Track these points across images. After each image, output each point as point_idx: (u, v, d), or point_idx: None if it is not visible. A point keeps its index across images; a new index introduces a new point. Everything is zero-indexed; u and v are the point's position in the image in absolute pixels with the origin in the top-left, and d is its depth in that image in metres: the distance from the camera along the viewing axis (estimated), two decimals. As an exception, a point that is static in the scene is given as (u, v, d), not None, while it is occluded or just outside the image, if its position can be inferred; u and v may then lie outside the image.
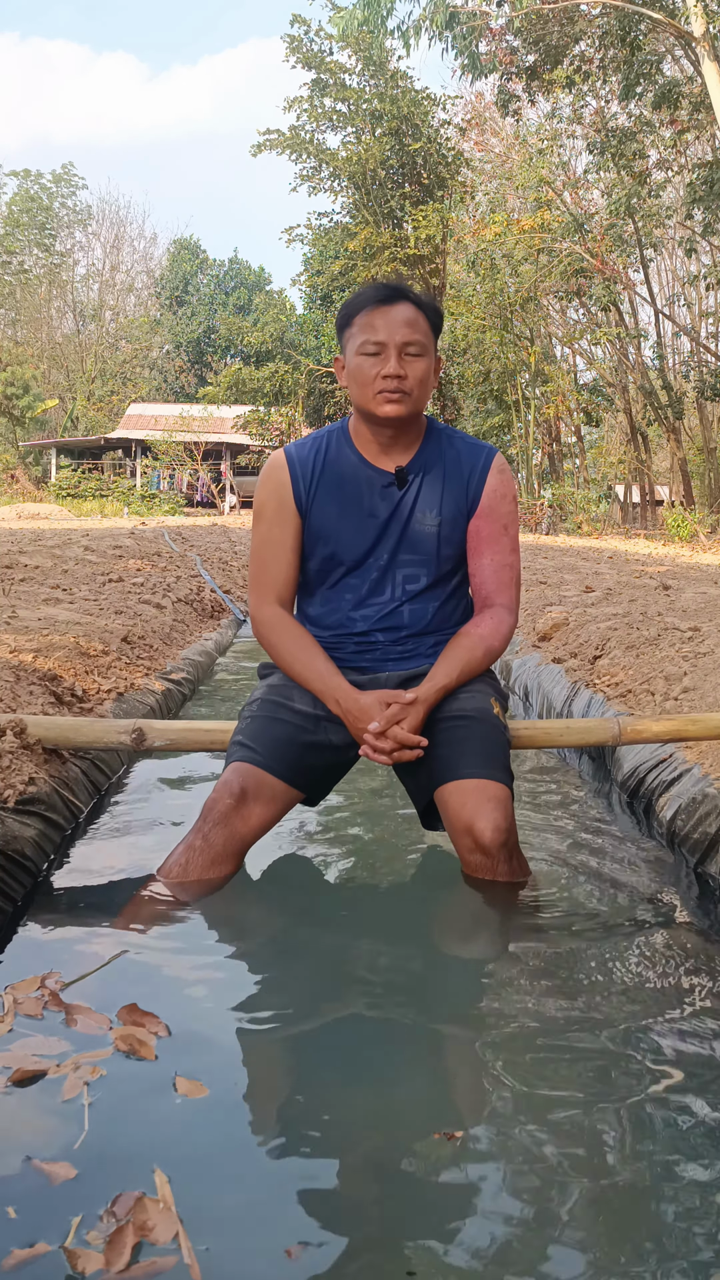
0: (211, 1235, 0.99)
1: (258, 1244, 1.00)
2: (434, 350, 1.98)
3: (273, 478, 2.05)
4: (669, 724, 2.23)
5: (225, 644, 5.61)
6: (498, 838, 1.82)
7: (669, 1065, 1.34)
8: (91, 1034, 1.36)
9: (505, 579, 2.04)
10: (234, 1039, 1.41)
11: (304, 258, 27.92)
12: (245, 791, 1.87)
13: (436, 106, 23.09)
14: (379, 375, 1.91)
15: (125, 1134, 1.15)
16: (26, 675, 2.82)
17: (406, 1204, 1.07)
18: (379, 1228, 1.03)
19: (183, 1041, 1.37)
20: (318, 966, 1.65)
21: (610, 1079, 1.31)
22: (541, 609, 5.55)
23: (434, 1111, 1.27)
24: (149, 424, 33.56)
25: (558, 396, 22.81)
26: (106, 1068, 1.27)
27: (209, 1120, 1.20)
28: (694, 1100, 1.26)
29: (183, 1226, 0.97)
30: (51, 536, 9.99)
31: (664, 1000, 1.55)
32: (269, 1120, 1.22)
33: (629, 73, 16.71)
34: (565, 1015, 1.48)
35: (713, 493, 23.64)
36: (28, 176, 43.50)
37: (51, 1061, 1.28)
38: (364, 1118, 1.24)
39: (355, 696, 1.89)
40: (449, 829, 1.90)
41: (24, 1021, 1.38)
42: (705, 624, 4.02)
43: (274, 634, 2.00)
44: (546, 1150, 1.15)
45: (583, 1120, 1.21)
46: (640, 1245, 1.01)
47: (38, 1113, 1.19)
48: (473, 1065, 1.39)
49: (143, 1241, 0.96)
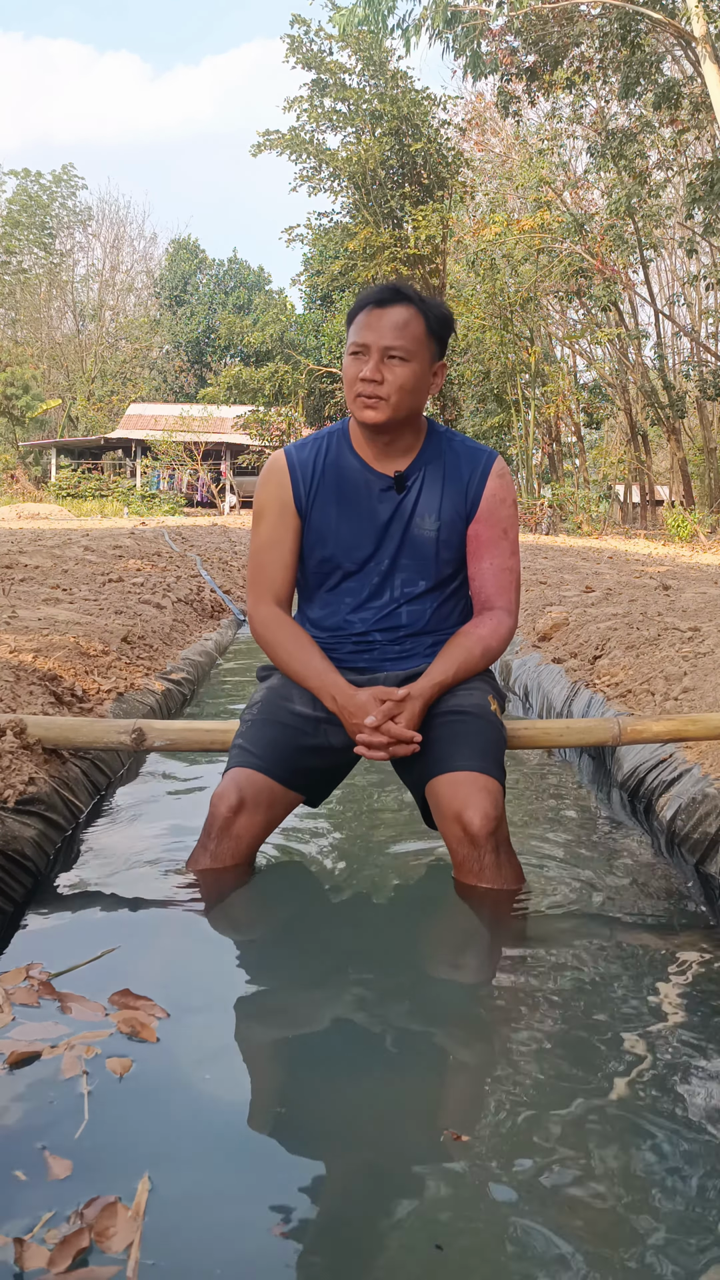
0: (200, 1217, 0.99)
1: (244, 1223, 1.00)
2: (431, 355, 1.94)
3: (273, 479, 2.05)
4: (669, 724, 2.23)
5: (225, 644, 5.61)
6: (486, 826, 1.80)
7: (669, 1065, 1.34)
8: (89, 1020, 1.37)
9: (505, 582, 2.04)
10: (232, 1035, 1.42)
11: (304, 258, 27.95)
12: (243, 801, 1.88)
13: (437, 106, 23.10)
14: (357, 377, 1.91)
15: (125, 1128, 1.16)
16: (26, 675, 2.82)
17: (403, 1200, 1.07)
18: (362, 1209, 1.03)
19: (182, 1036, 1.37)
20: (317, 966, 1.65)
21: (610, 1078, 1.30)
22: (541, 609, 5.55)
23: (432, 1108, 1.27)
24: (149, 424, 33.57)
25: (558, 396, 22.81)
26: (110, 1060, 1.27)
27: (206, 1116, 1.20)
28: (694, 1101, 1.26)
29: (139, 1237, 0.96)
30: (51, 536, 9.99)
31: (664, 1000, 1.55)
32: (266, 1113, 1.22)
33: (629, 72, 16.71)
34: (564, 1015, 1.48)
35: (713, 493, 23.64)
36: (27, 176, 43.52)
37: (49, 1044, 1.29)
38: (361, 1113, 1.24)
39: (351, 693, 1.89)
40: (438, 821, 1.89)
41: (23, 1011, 1.40)
42: (705, 624, 4.02)
43: (271, 633, 2.01)
44: (546, 1150, 1.15)
45: (582, 1120, 1.21)
46: (639, 1245, 1.01)
47: (40, 1098, 1.21)
48: (471, 1063, 1.39)
49: (94, 1246, 0.95)
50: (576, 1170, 1.12)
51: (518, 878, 1.87)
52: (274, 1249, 0.98)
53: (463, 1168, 1.13)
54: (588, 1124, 1.21)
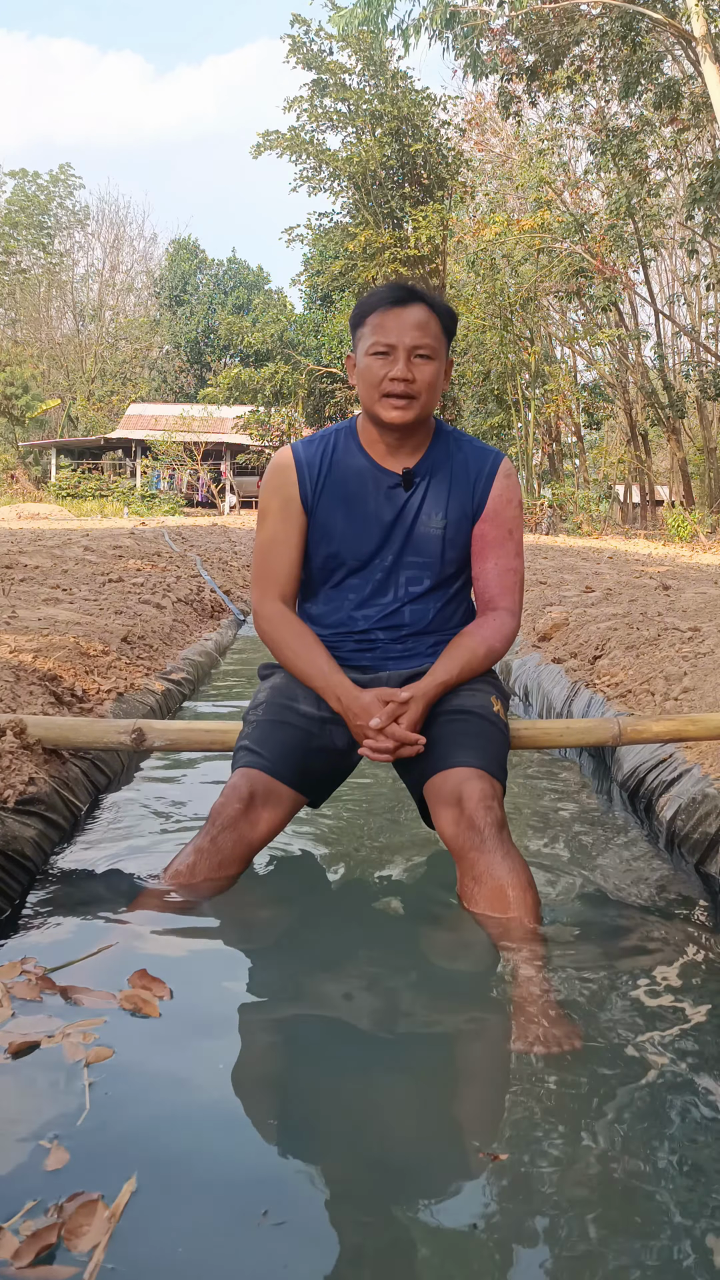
0: (180, 1218, 1.00)
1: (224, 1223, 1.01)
2: (445, 353, 1.97)
3: (279, 475, 2.05)
4: (669, 724, 2.23)
5: (225, 644, 5.61)
6: (483, 803, 1.75)
7: (670, 1064, 1.34)
8: (88, 1009, 1.40)
9: (509, 583, 2.04)
10: (232, 1034, 1.42)
11: (304, 258, 27.93)
12: (254, 796, 1.86)
13: (437, 107, 23.12)
14: (387, 377, 1.91)
15: (122, 1125, 1.16)
16: (26, 675, 2.82)
17: (398, 1195, 1.07)
18: (361, 1208, 1.03)
19: (182, 1035, 1.37)
20: (316, 965, 1.65)
21: (609, 1078, 1.30)
22: (542, 609, 5.55)
23: (431, 1108, 1.27)
24: (149, 424, 33.59)
25: (558, 396, 22.81)
26: (113, 1056, 1.27)
27: (204, 1115, 1.20)
28: (694, 1101, 1.26)
29: (108, 1240, 0.95)
30: (51, 537, 9.99)
31: (665, 1001, 1.54)
32: (266, 1113, 1.23)
33: (629, 72, 16.71)
34: (564, 1013, 1.47)
35: (713, 493, 23.64)
36: (25, 176, 43.51)
37: (46, 1034, 1.31)
38: (361, 1112, 1.24)
39: (356, 694, 1.89)
40: (435, 815, 1.85)
41: (21, 1005, 1.42)
42: (705, 624, 4.02)
43: (276, 630, 2.00)
44: (547, 1151, 1.15)
45: (582, 1120, 1.21)
46: (640, 1246, 1.01)
47: (41, 1086, 1.22)
48: (470, 1062, 1.39)
49: (61, 1244, 0.95)
50: (577, 1170, 1.11)
51: (524, 872, 1.73)
52: (255, 1249, 0.98)
53: (462, 1167, 1.13)
54: (587, 1123, 1.21)
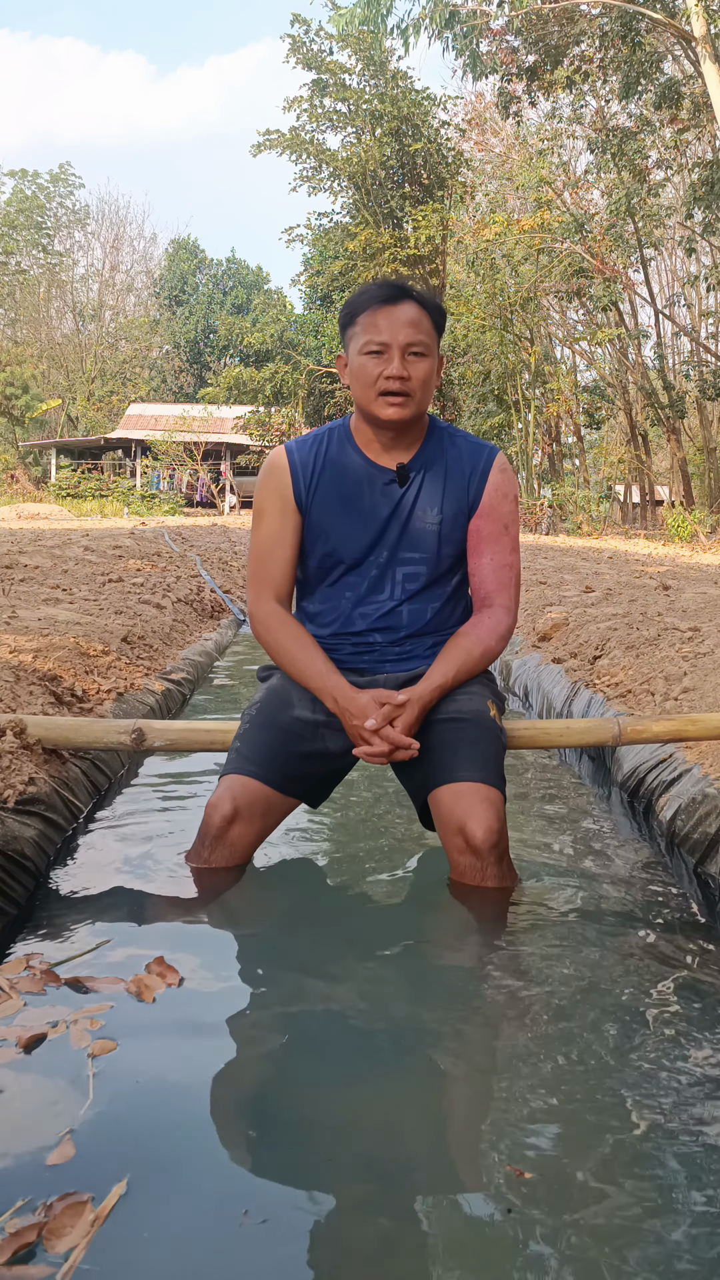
0: (168, 1220, 1.01)
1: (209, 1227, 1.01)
2: (437, 349, 1.97)
3: (273, 474, 2.05)
4: (669, 724, 2.23)
5: (225, 644, 5.61)
6: (489, 839, 1.82)
7: (668, 1065, 1.34)
8: (105, 993, 1.46)
9: (505, 579, 2.04)
10: (232, 1033, 1.42)
11: (304, 258, 27.92)
12: (237, 811, 1.90)
13: (437, 107, 23.10)
14: (382, 375, 1.91)
15: (121, 1123, 1.16)
16: (26, 675, 2.82)
17: (396, 1193, 1.07)
18: (361, 1207, 1.03)
19: (182, 1034, 1.37)
20: (315, 964, 1.65)
21: (608, 1078, 1.31)
22: (541, 609, 5.55)
23: (430, 1107, 1.27)
24: (149, 424, 33.58)
25: (558, 396, 22.82)
26: (115, 1051, 1.28)
27: (202, 1113, 1.20)
28: (694, 1101, 1.26)
29: (87, 1243, 0.95)
30: (51, 536, 9.99)
31: (664, 1000, 1.54)
32: (265, 1111, 1.23)
33: (629, 72, 16.72)
34: (562, 1013, 1.48)
35: (713, 493, 23.64)
36: (24, 176, 43.49)
37: (51, 1024, 1.34)
38: (360, 1111, 1.24)
39: (352, 695, 1.89)
40: (440, 830, 1.91)
41: (32, 997, 1.45)
42: (705, 624, 4.02)
43: (272, 631, 2.00)
44: (547, 1151, 1.15)
45: (581, 1120, 1.21)
46: (642, 1245, 1.01)
47: (48, 1078, 1.24)
48: (468, 1061, 1.39)
49: (41, 1244, 0.95)
50: (577, 1169, 1.12)
51: (513, 878, 1.90)
52: (243, 1250, 0.98)
53: (461, 1165, 1.13)
54: (586, 1123, 1.21)
